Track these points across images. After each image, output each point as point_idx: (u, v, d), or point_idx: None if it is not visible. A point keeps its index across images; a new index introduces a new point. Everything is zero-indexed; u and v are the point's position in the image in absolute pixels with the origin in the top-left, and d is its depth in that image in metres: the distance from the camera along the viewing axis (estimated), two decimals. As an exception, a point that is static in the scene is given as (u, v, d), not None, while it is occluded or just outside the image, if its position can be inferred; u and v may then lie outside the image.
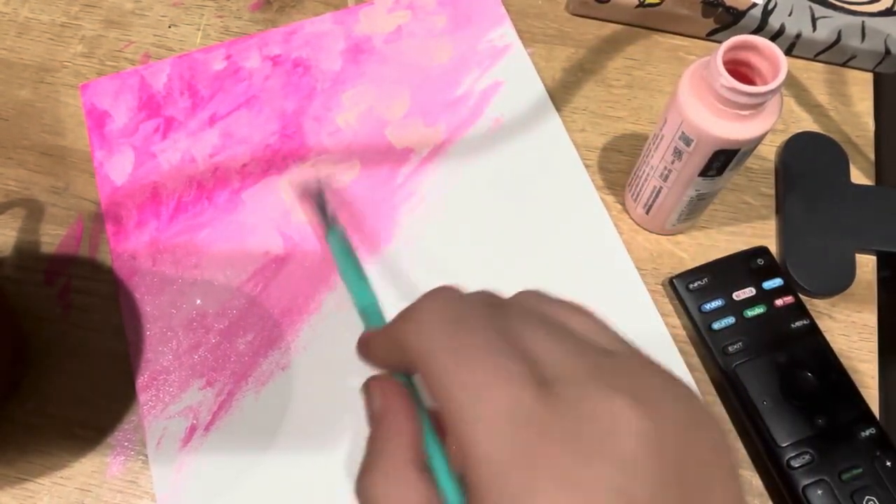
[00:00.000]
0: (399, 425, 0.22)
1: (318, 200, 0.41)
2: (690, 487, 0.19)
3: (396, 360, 0.23)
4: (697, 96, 0.35)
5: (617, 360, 0.21)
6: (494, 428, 0.19)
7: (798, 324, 0.40)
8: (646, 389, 0.20)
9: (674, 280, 0.42)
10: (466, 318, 0.21)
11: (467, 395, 0.19)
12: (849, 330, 0.42)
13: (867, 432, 0.37)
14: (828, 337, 0.40)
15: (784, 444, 0.37)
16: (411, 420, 0.23)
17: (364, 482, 0.22)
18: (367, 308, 0.30)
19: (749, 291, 0.41)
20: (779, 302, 0.41)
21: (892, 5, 0.49)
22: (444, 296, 0.22)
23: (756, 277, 0.41)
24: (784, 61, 0.33)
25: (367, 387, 0.24)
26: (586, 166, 0.46)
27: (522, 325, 0.21)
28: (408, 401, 0.23)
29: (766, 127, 0.35)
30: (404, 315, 0.22)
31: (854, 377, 0.39)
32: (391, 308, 0.42)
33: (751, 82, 0.35)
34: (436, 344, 0.20)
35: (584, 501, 0.18)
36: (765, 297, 0.41)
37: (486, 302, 0.22)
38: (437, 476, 0.21)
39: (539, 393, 0.19)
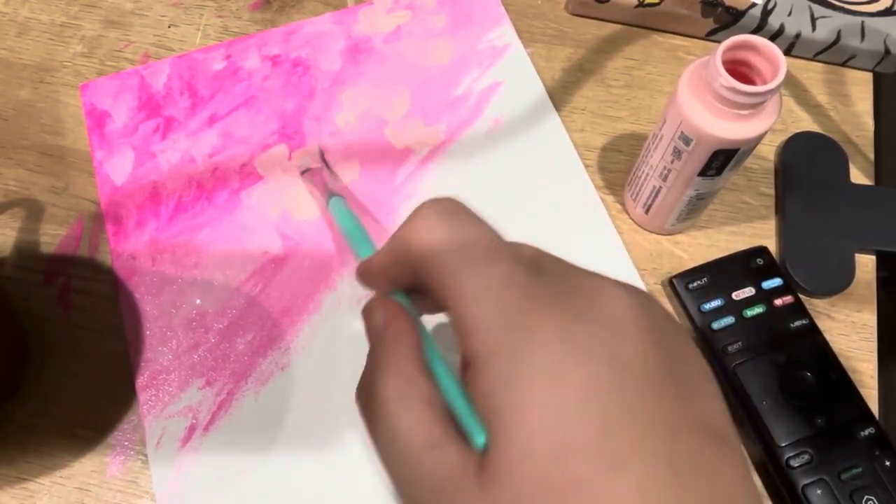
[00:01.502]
0: (402, 335, 0.24)
1: (313, 177, 0.43)
2: (673, 357, 0.20)
3: (399, 267, 0.24)
4: (697, 96, 0.35)
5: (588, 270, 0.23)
6: (489, 297, 0.20)
7: (797, 323, 0.40)
8: (628, 285, 0.22)
9: (673, 280, 0.42)
10: (461, 213, 0.23)
11: (464, 274, 0.21)
12: (848, 330, 0.42)
13: (866, 432, 0.37)
14: (827, 337, 0.40)
15: (783, 444, 0.37)
16: (413, 330, 0.24)
17: (370, 384, 0.23)
18: (361, 246, 0.33)
19: (748, 291, 0.41)
20: (778, 302, 0.41)
21: (892, 5, 0.49)
22: (443, 199, 0.24)
23: (755, 277, 0.41)
24: (783, 61, 0.33)
25: (369, 306, 0.26)
26: (586, 166, 0.46)
27: (498, 234, 0.24)
28: (408, 314, 0.25)
29: (766, 127, 0.35)
30: (406, 220, 0.24)
31: (853, 377, 0.39)
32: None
33: (750, 82, 0.35)
34: (435, 235, 0.22)
35: (579, 354, 0.19)
36: (764, 296, 0.41)
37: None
38: (438, 377, 0.23)
39: (530, 271, 0.21)
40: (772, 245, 0.44)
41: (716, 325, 0.40)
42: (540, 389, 0.18)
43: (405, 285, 0.25)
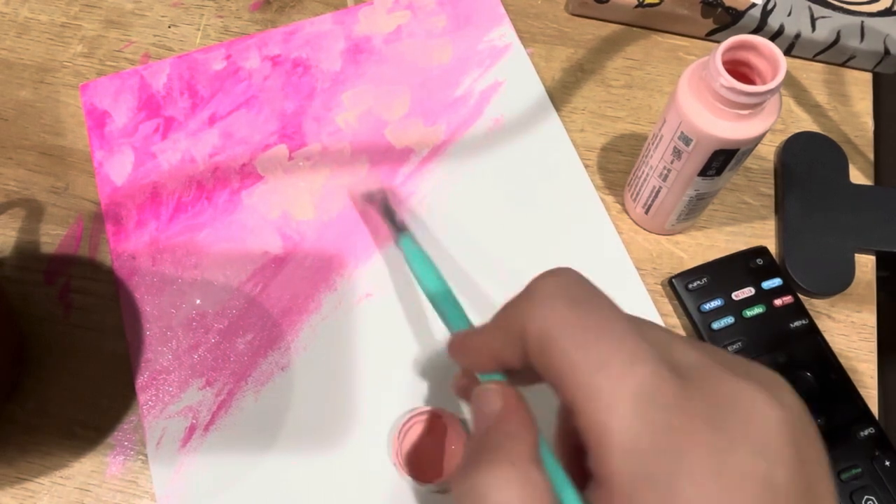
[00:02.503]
0: (521, 425, 0.21)
1: (385, 209, 0.41)
2: (812, 476, 0.19)
3: (508, 348, 0.22)
4: (697, 96, 0.35)
5: (723, 351, 0.21)
6: (632, 410, 0.18)
7: (797, 324, 0.40)
8: (764, 378, 0.20)
9: (673, 280, 0.42)
10: (591, 296, 0.20)
11: (600, 377, 0.18)
12: (848, 330, 0.42)
13: (866, 432, 0.37)
14: (827, 337, 0.40)
15: (783, 444, 0.37)
16: (531, 422, 0.22)
17: (482, 482, 0.20)
18: (451, 311, 0.29)
19: (748, 291, 0.41)
20: (778, 302, 0.41)
21: (892, 5, 0.49)
22: (565, 274, 0.21)
23: (755, 277, 0.41)
24: (783, 61, 0.33)
25: (484, 390, 0.23)
26: (586, 166, 0.46)
27: (633, 316, 0.21)
28: (528, 408, 0.22)
29: (766, 127, 0.35)
30: (522, 296, 0.21)
31: (853, 377, 0.39)
32: (397, 308, 0.43)
33: (750, 82, 0.35)
34: (561, 322, 0.19)
35: (734, 488, 0.17)
36: (764, 296, 0.41)
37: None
38: (552, 477, 0.20)
39: (674, 377, 0.18)
40: (771, 245, 0.44)
41: (716, 326, 0.40)
42: None
43: (509, 367, 0.23)
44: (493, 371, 0.23)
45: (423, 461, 0.37)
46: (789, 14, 0.49)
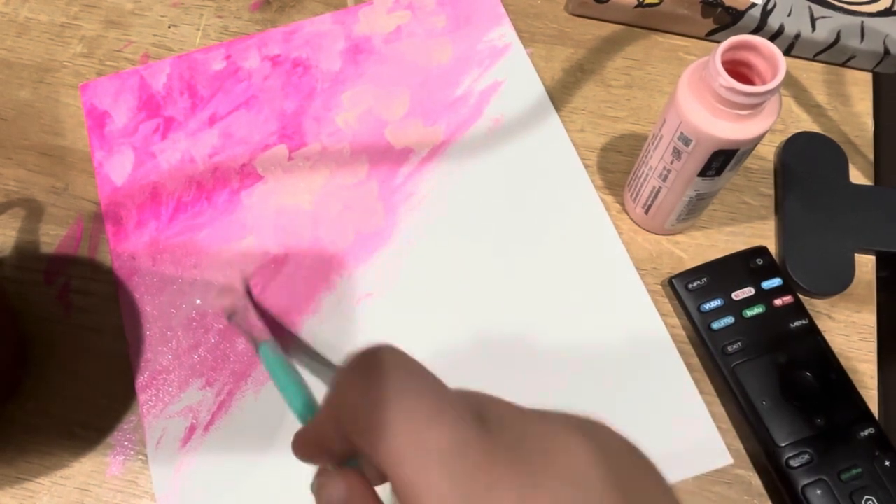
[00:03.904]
0: None
1: (241, 322, 0.41)
2: (632, 498, 0.18)
3: (337, 433, 0.22)
4: (696, 96, 0.35)
5: (545, 410, 0.21)
6: (437, 467, 0.18)
7: (797, 324, 0.40)
8: (578, 421, 0.20)
9: (673, 280, 0.42)
10: (393, 362, 0.21)
11: (408, 441, 0.18)
12: (848, 330, 0.42)
13: (866, 432, 0.37)
14: (827, 337, 0.40)
15: (783, 444, 0.37)
16: None
17: None
18: (305, 410, 0.30)
19: (748, 291, 0.41)
20: (778, 302, 0.41)
21: (892, 5, 0.49)
22: (371, 350, 0.21)
23: (755, 277, 0.41)
24: (783, 61, 0.33)
25: (324, 479, 0.23)
26: (586, 166, 0.46)
27: (443, 384, 0.21)
28: (371, 490, 0.22)
29: (765, 127, 0.35)
30: (334, 380, 0.21)
31: (853, 377, 0.39)
32: (396, 308, 0.42)
33: (750, 82, 0.35)
34: (362, 395, 0.20)
35: None
36: (764, 296, 0.41)
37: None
38: None
39: (479, 428, 0.19)
40: (771, 245, 0.44)
41: (715, 325, 0.40)
42: None
43: (349, 455, 0.22)
44: (335, 462, 0.23)
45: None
46: (789, 14, 0.49)
